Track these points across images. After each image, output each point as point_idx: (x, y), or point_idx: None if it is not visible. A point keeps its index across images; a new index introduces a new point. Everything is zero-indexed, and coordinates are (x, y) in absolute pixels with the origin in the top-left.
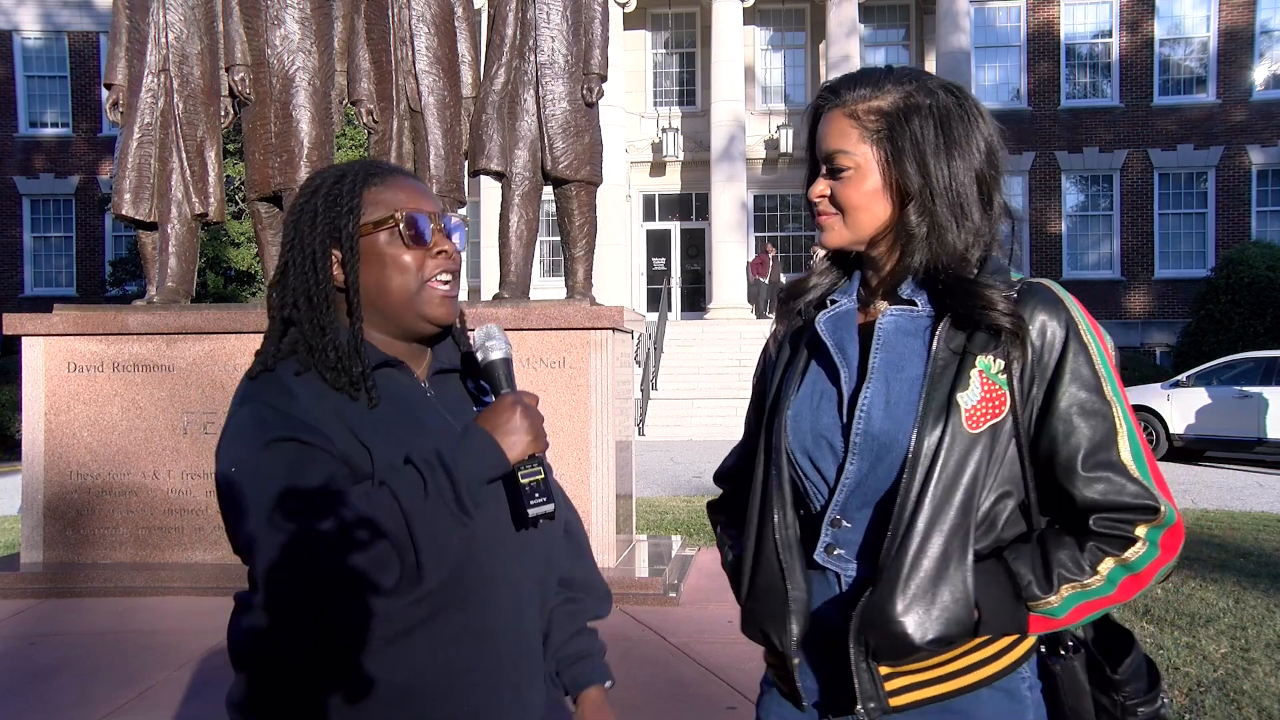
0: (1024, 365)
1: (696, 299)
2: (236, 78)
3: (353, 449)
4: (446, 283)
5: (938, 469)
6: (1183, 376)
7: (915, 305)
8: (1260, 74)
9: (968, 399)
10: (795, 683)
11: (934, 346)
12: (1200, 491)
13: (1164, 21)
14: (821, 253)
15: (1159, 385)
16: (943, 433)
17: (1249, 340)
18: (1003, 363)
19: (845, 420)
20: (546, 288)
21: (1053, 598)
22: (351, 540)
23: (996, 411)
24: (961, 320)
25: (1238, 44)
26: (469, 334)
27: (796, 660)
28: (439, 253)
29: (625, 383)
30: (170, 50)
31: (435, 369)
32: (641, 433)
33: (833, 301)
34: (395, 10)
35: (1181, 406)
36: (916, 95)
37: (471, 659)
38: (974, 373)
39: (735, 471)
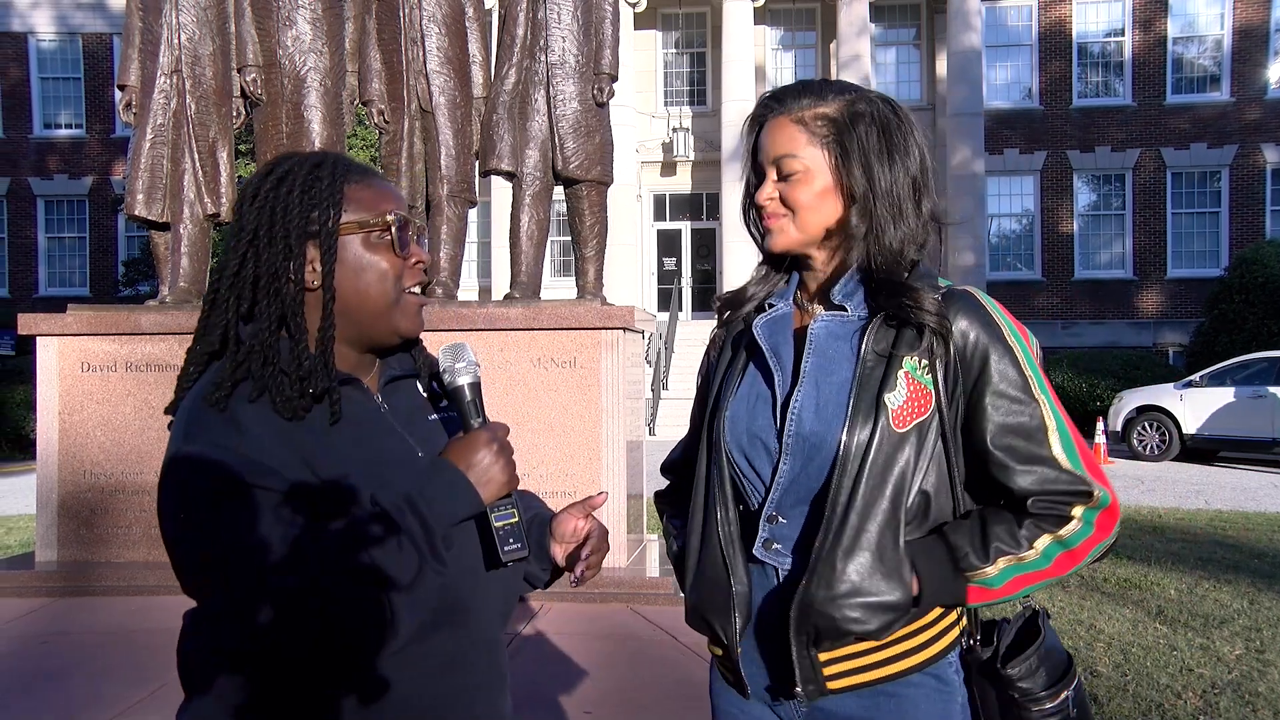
0: (947, 365)
1: (707, 299)
2: (248, 78)
3: (312, 485)
4: (419, 293)
5: (867, 466)
6: (1196, 377)
7: (846, 310)
8: (1275, 72)
9: (894, 399)
10: (740, 672)
11: (862, 350)
12: (1214, 492)
13: (1177, 19)
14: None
15: (1172, 385)
16: (871, 432)
17: (1263, 340)
18: (927, 362)
19: (779, 422)
20: (557, 287)
21: (989, 568)
22: (365, 535)
23: (922, 410)
24: (890, 319)
25: (1252, 42)
26: (422, 343)
27: (740, 650)
28: (416, 263)
29: (636, 382)
30: (183, 51)
31: (387, 377)
32: (652, 433)
33: (770, 305)
34: (406, 11)
35: (1195, 407)
36: (858, 104)
37: (450, 686)
38: (900, 374)
39: (680, 464)
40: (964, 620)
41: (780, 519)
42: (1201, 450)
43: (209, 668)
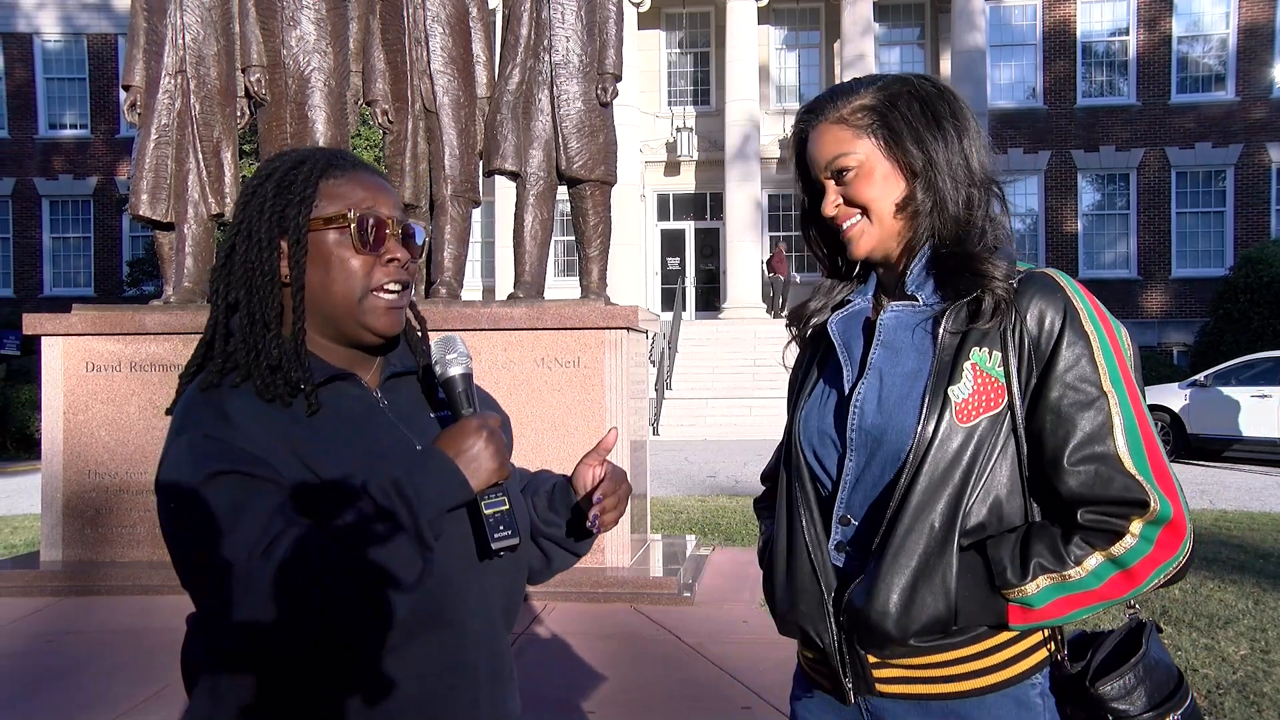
0: (1021, 354)
1: (711, 299)
2: (252, 78)
3: (303, 478)
4: (395, 292)
5: (928, 463)
6: (1200, 376)
7: (918, 300)
8: None
9: (959, 392)
10: (841, 679)
11: (939, 339)
12: (1219, 492)
13: (1182, 18)
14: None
15: (1176, 385)
16: (935, 426)
17: (1268, 340)
18: (999, 355)
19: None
20: (561, 287)
21: (1028, 586)
22: (364, 532)
23: (992, 404)
24: (957, 294)
25: (1258, 40)
26: (428, 341)
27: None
28: (390, 260)
29: (640, 382)
30: (187, 51)
31: (388, 374)
32: (656, 432)
33: (848, 302)
34: (410, 11)
35: (1199, 406)
36: (892, 86)
37: (449, 684)
38: (967, 365)
39: (775, 472)
40: (1057, 635)
41: (851, 519)
42: (1206, 450)
43: (210, 669)
